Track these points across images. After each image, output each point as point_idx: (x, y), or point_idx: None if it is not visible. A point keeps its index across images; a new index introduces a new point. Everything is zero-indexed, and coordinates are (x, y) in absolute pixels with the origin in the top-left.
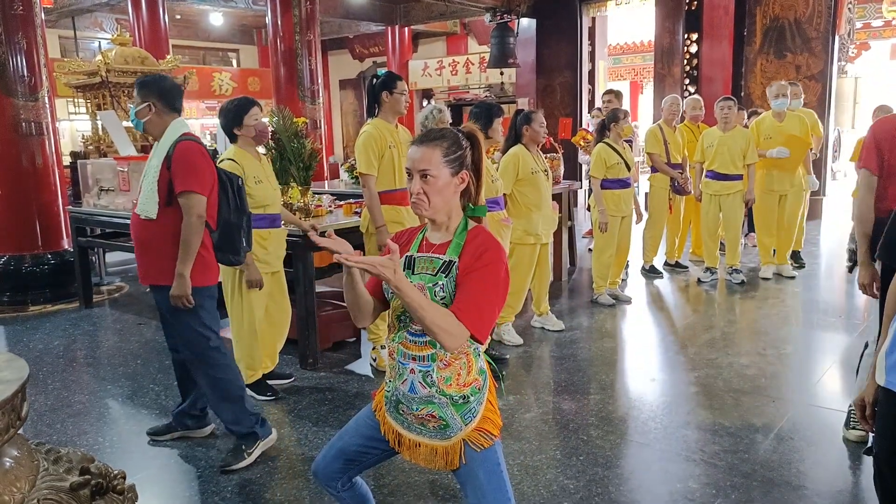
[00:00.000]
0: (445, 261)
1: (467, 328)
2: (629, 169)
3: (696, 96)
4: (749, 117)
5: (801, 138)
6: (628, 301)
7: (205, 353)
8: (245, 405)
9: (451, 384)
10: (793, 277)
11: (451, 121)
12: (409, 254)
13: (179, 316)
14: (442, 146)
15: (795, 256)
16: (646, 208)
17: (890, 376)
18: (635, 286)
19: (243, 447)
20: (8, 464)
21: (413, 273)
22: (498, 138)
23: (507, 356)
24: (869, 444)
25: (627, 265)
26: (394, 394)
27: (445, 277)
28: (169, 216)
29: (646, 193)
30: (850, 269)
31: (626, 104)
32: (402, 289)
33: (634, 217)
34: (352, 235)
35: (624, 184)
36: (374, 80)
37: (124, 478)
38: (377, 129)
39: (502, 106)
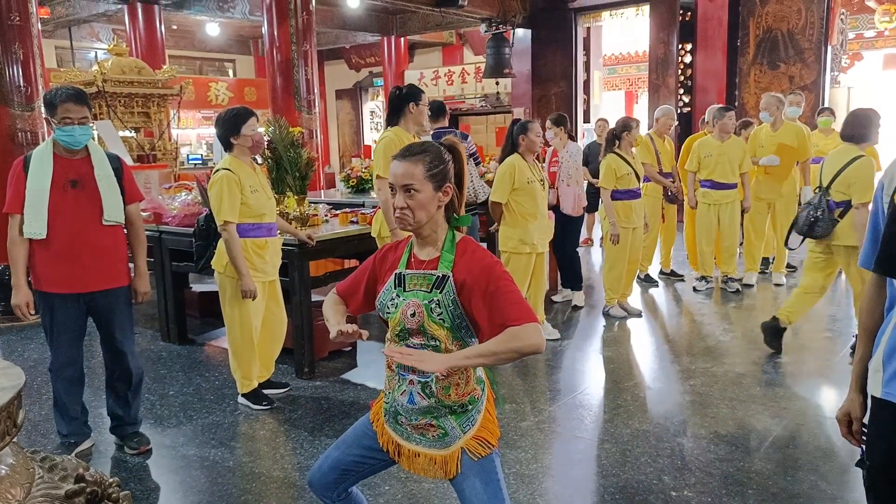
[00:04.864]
0: (438, 276)
1: (530, 322)
2: (639, 179)
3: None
4: (743, 128)
5: (791, 148)
6: (638, 314)
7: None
8: None
9: (449, 394)
10: (780, 285)
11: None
12: (398, 271)
13: (129, 312)
14: (424, 161)
15: (763, 262)
16: None
17: (888, 388)
18: (631, 295)
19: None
20: (3, 471)
21: (405, 290)
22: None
23: None
24: (859, 458)
25: None
26: (393, 405)
27: (440, 293)
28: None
29: None
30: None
31: (621, 114)
32: (460, 364)
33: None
34: (349, 244)
35: (634, 194)
36: (399, 91)
37: (119, 486)
38: (398, 136)
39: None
